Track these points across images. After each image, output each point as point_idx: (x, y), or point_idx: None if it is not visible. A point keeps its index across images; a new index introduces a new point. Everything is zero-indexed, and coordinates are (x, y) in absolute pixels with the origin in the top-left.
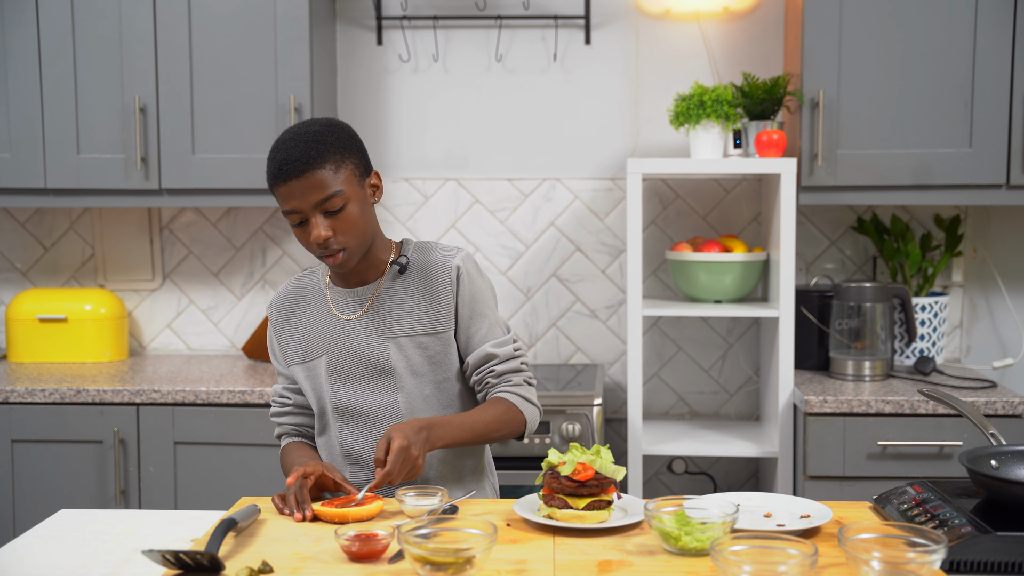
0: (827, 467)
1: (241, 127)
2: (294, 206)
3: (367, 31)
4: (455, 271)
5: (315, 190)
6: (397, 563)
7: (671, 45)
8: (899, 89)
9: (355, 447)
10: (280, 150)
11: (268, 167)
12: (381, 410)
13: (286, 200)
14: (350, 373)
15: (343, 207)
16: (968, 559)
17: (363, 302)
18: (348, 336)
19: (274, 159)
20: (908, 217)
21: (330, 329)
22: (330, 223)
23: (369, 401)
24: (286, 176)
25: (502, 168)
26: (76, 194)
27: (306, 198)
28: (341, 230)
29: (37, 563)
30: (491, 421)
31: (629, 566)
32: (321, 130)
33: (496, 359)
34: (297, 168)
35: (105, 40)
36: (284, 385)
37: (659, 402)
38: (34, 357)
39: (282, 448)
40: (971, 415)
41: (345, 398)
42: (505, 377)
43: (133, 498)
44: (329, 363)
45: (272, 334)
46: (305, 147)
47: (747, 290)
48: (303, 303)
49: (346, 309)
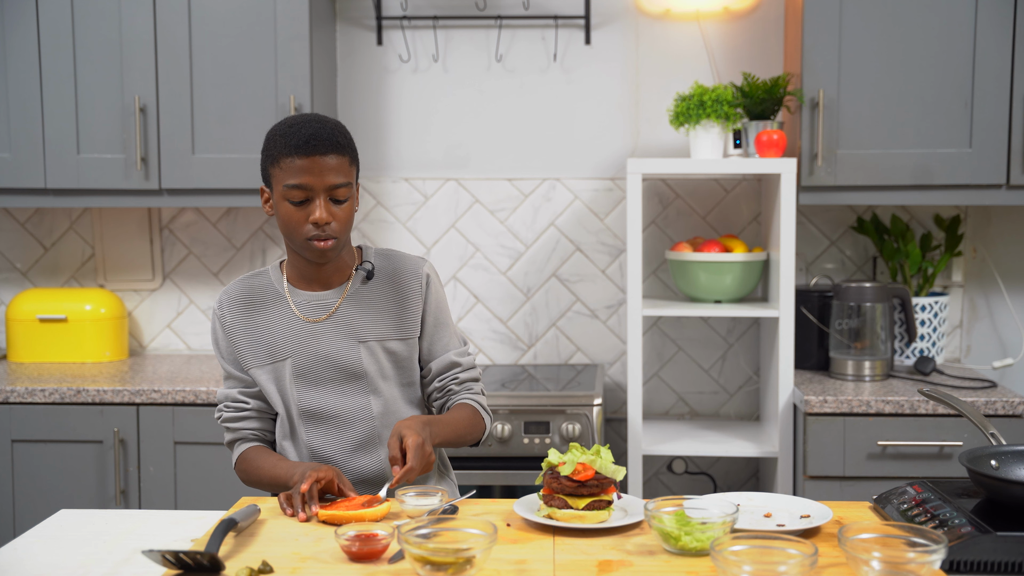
0: (827, 467)
1: (241, 127)
2: (307, 182)
3: (367, 31)
4: (424, 279)
5: (334, 173)
6: (397, 563)
7: (671, 45)
8: (899, 89)
9: (325, 450)
10: (303, 126)
11: (284, 141)
12: (352, 413)
13: (299, 174)
14: (318, 376)
15: (346, 200)
16: (968, 559)
17: (329, 306)
18: (315, 339)
19: (297, 133)
20: (908, 217)
21: (295, 332)
22: (332, 210)
23: (339, 404)
24: (312, 150)
25: (502, 168)
26: (76, 194)
27: (323, 177)
28: (339, 219)
29: (37, 563)
30: (467, 423)
31: (629, 566)
32: (339, 124)
33: (460, 367)
34: (326, 146)
35: (105, 40)
36: (239, 389)
37: (659, 402)
38: (34, 357)
39: (243, 454)
40: (971, 415)
41: (312, 402)
42: (467, 385)
43: (133, 498)
44: (295, 366)
45: (223, 335)
46: (332, 131)
47: (747, 290)
48: (259, 304)
49: (310, 312)
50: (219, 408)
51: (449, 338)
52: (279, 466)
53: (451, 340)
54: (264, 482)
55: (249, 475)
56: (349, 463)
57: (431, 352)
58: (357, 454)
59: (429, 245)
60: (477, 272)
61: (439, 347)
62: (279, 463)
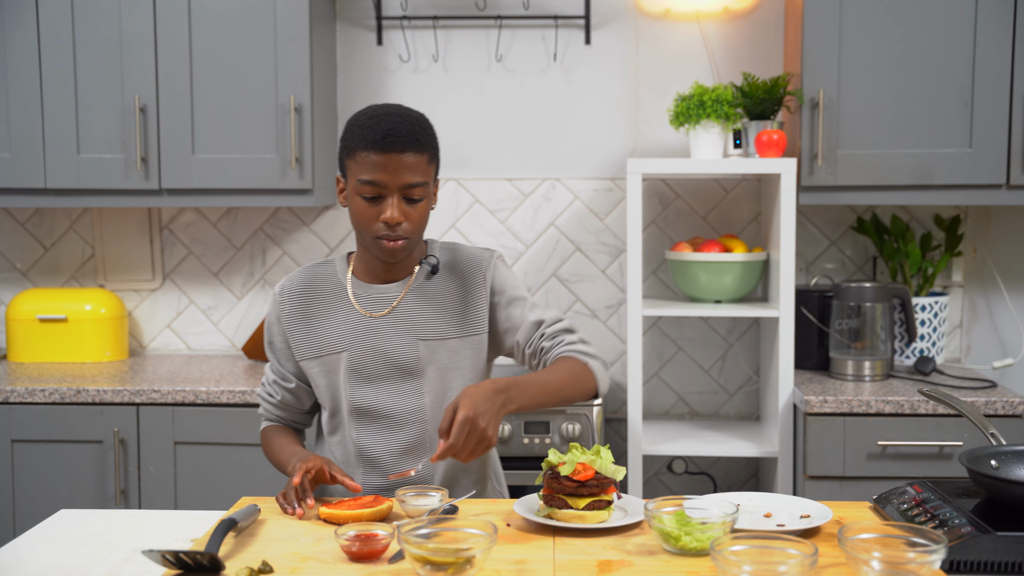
0: (827, 467)
1: (241, 127)
2: (382, 179)
3: (367, 31)
4: (490, 271)
5: (410, 171)
6: (397, 563)
7: (671, 45)
8: (899, 89)
9: (372, 450)
10: (384, 120)
11: (362, 133)
12: (404, 414)
13: (374, 170)
14: (373, 373)
15: (421, 199)
16: (968, 559)
17: (390, 300)
18: (374, 334)
19: (375, 126)
20: (908, 217)
21: (353, 325)
22: (406, 209)
23: (392, 403)
24: (389, 146)
25: (502, 168)
26: (76, 194)
27: (399, 176)
28: (412, 219)
29: (37, 563)
30: (564, 376)
31: (629, 566)
32: (421, 117)
33: (544, 323)
34: (403, 143)
35: (105, 40)
36: (275, 378)
37: (659, 402)
38: (34, 357)
39: (263, 431)
40: (971, 415)
41: (365, 399)
42: (558, 338)
43: (133, 498)
44: (350, 361)
45: (276, 324)
46: (413, 127)
47: (747, 290)
48: (319, 294)
49: (371, 305)
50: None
51: (528, 308)
52: (284, 450)
53: (531, 310)
54: (273, 462)
55: (265, 452)
56: (397, 466)
57: (514, 328)
58: (406, 457)
59: None
60: None
61: (517, 319)
62: (284, 447)
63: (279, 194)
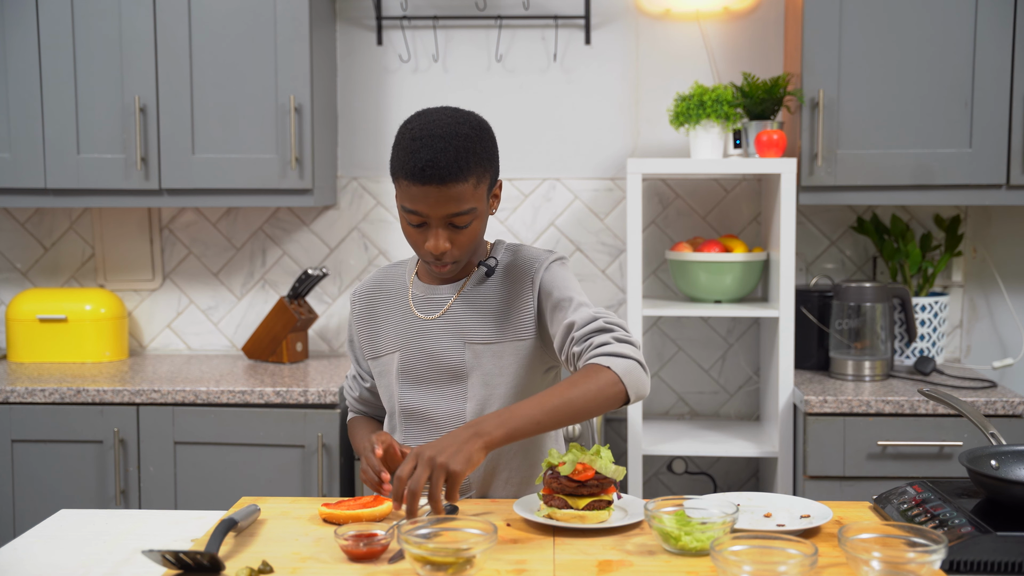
0: (827, 467)
1: (241, 127)
2: (423, 210)
3: (367, 31)
4: (539, 275)
5: (452, 203)
6: (397, 563)
7: (671, 45)
8: (899, 89)
9: None
10: (425, 147)
11: (404, 159)
12: (447, 417)
13: (415, 201)
14: (421, 375)
15: (470, 223)
16: (968, 559)
17: (443, 302)
18: (423, 336)
19: (416, 155)
20: (908, 217)
21: (406, 327)
22: (451, 235)
23: (437, 406)
24: (427, 179)
25: (502, 168)
26: (76, 194)
27: (440, 208)
28: (459, 244)
29: (37, 563)
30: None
31: (629, 566)
32: (471, 133)
33: (574, 326)
34: (441, 175)
35: (105, 40)
36: (355, 374)
37: (659, 402)
38: (34, 357)
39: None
40: (971, 415)
41: (413, 400)
42: (588, 341)
43: (133, 498)
44: (401, 362)
45: (354, 324)
46: (456, 153)
47: (747, 290)
48: (385, 296)
49: (426, 308)
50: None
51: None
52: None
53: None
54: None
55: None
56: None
57: (555, 333)
58: None
59: None
60: None
61: (558, 324)
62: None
63: (279, 194)
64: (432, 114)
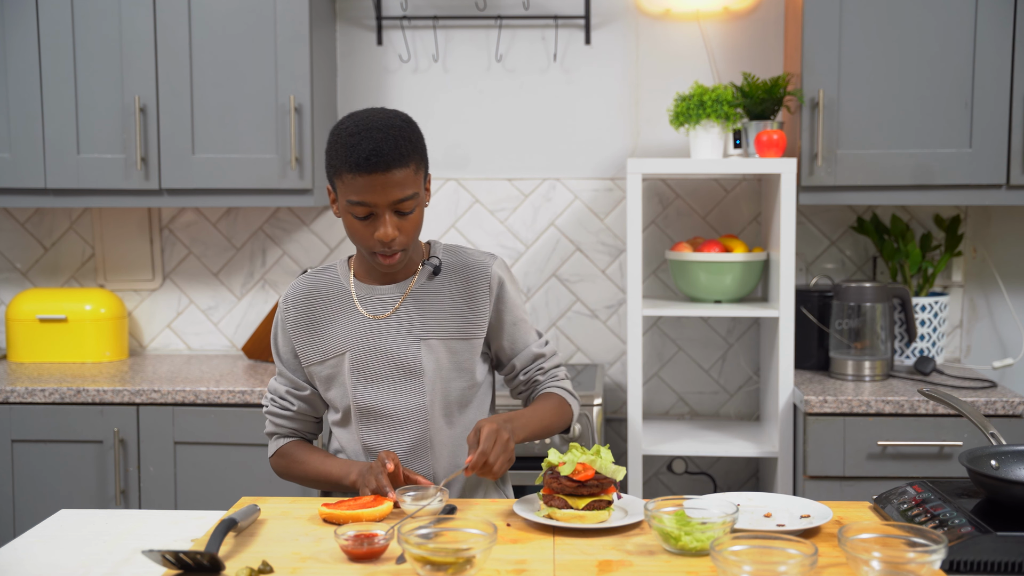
0: (827, 467)
1: (241, 127)
2: (369, 199)
3: (367, 31)
4: (495, 280)
5: (397, 188)
6: (401, 564)
7: (671, 45)
8: (899, 89)
9: (378, 447)
10: (365, 139)
11: (345, 154)
12: (407, 413)
13: (361, 192)
14: (376, 373)
15: (413, 211)
16: (968, 559)
17: (393, 301)
18: (376, 335)
19: (357, 147)
20: (908, 217)
21: (356, 327)
22: (398, 223)
23: (395, 402)
24: (371, 167)
25: (502, 168)
26: (76, 194)
27: (387, 194)
28: (405, 231)
29: (37, 563)
30: (552, 412)
31: (629, 566)
32: (403, 125)
33: (544, 358)
34: (385, 162)
35: (105, 40)
36: (287, 388)
37: (659, 402)
38: (34, 357)
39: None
40: (971, 415)
41: (368, 398)
42: (551, 373)
43: (133, 498)
44: (353, 361)
45: (282, 332)
46: (395, 142)
47: (747, 290)
48: (323, 300)
49: (373, 307)
50: (266, 398)
51: (527, 332)
52: (330, 464)
53: (529, 334)
54: (309, 478)
55: (290, 469)
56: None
57: (513, 349)
58: (409, 455)
59: None
60: None
61: (520, 343)
62: (329, 460)
63: (279, 194)
64: (362, 113)
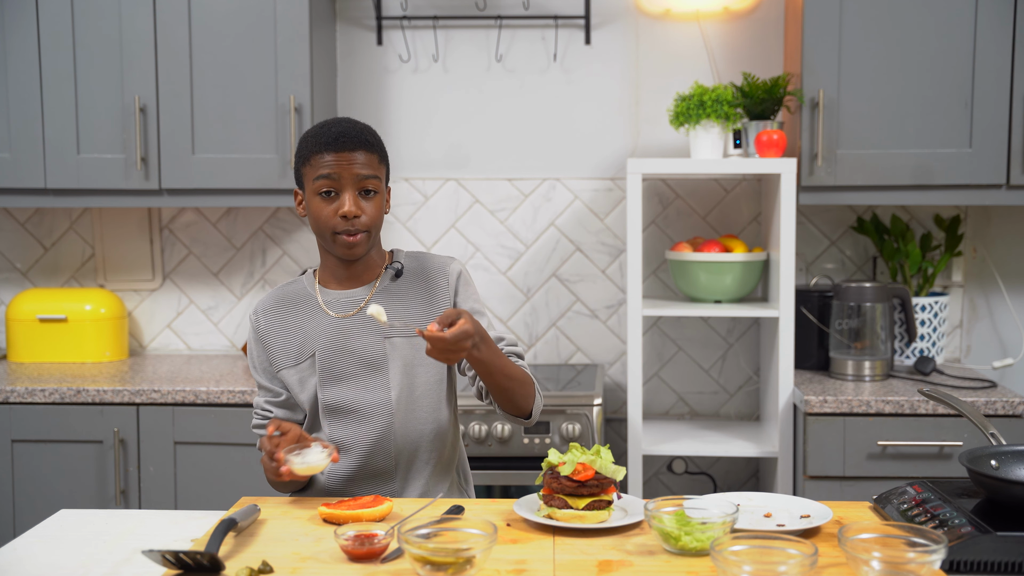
0: (827, 467)
1: (241, 127)
2: (337, 172)
3: (367, 31)
4: (454, 275)
5: (364, 165)
6: (392, 561)
7: (671, 45)
8: (899, 89)
9: (344, 441)
10: (334, 125)
11: (316, 137)
12: (373, 406)
13: (329, 166)
14: (342, 371)
15: (375, 195)
16: (968, 559)
17: (358, 302)
18: (342, 334)
19: (328, 130)
20: (908, 217)
21: (323, 327)
22: (361, 203)
23: (361, 397)
24: (341, 145)
25: (502, 168)
26: (76, 194)
27: (352, 169)
28: (368, 212)
29: (37, 563)
30: (516, 372)
31: (629, 566)
32: (369, 126)
33: (504, 341)
34: (354, 143)
35: (105, 40)
36: (266, 399)
37: (659, 402)
38: (34, 357)
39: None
40: (971, 415)
41: (335, 396)
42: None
43: (133, 498)
44: (320, 360)
45: (255, 343)
46: (361, 130)
47: (747, 290)
48: (292, 307)
49: (339, 308)
50: (252, 415)
51: (488, 325)
52: None
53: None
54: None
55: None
56: (367, 457)
57: None
58: (375, 448)
59: (429, 245)
60: (477, 272)
61: None
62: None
63: (279, 194)
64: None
